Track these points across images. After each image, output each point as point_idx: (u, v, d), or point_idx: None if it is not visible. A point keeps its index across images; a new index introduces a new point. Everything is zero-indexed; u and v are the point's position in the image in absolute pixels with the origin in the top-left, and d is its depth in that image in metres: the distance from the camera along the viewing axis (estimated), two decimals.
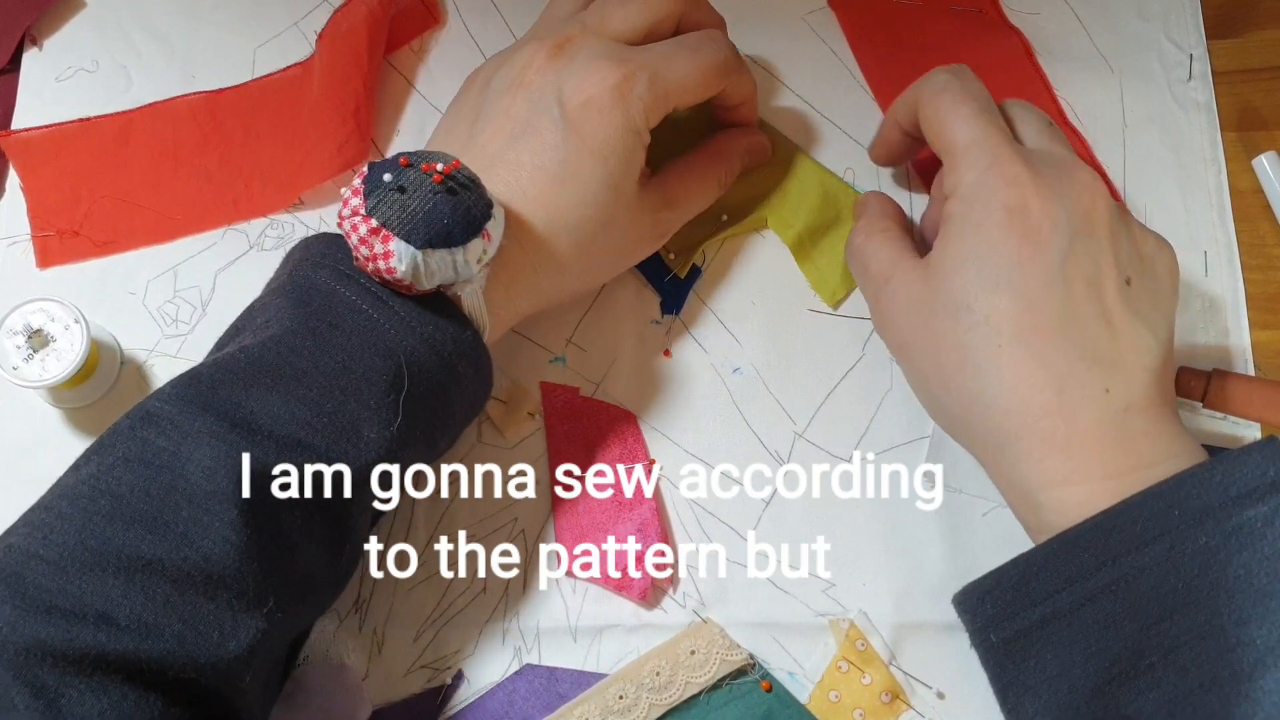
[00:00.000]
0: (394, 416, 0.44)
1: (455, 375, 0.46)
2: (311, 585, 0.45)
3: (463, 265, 0.44)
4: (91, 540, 0.40)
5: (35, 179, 0.58)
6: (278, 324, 0.45)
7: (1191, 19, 0.60)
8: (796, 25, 0.61)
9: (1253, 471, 0.40)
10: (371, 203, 0.43)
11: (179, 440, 0.42)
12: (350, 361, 0.44)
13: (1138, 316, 0.45)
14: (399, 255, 0.43)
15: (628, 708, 0.49)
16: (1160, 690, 0.40)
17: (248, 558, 0.41)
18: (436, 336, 0.45)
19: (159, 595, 0.40)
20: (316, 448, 0.43)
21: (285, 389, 0.43)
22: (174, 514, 0.41)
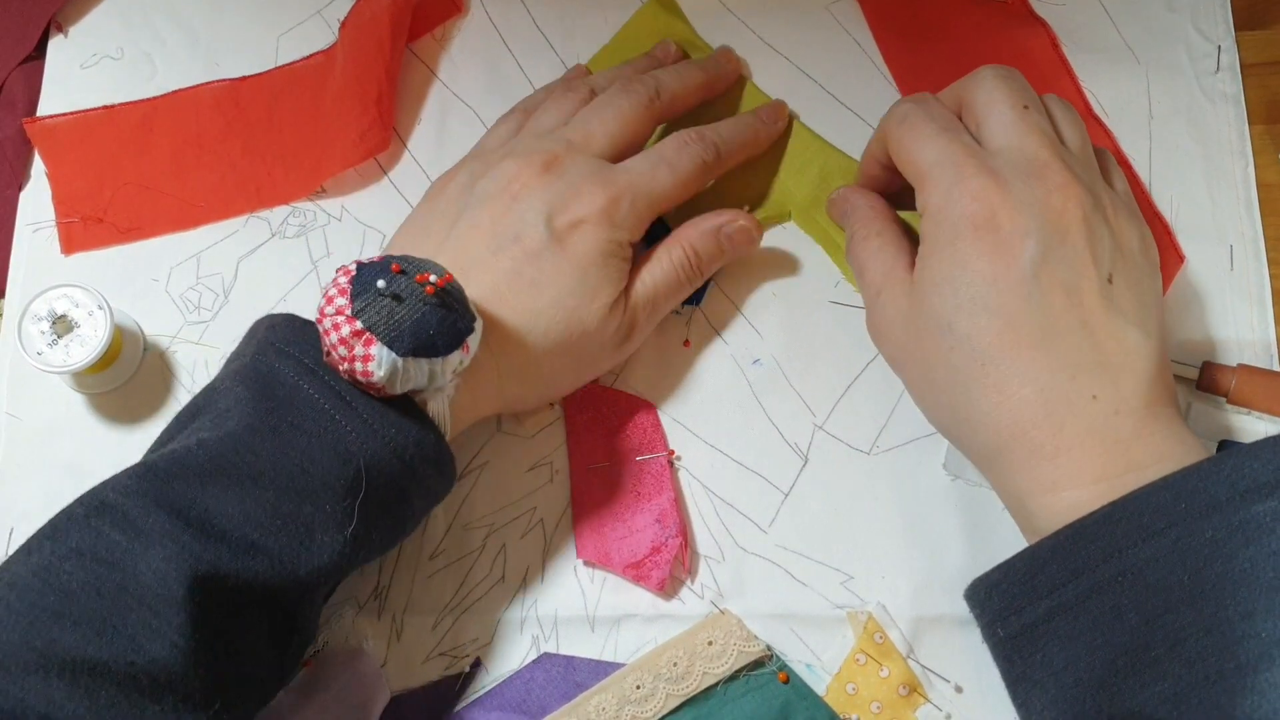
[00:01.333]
0: (349, 521, 0.43)
1: (416, 476, 0.45)
2: (257, 683, 0.44)
3: (438, 375, 0.44)
4: (37, 641, 0.39)
5: (60, 166, 0.58)
6: (237, 417, 0.44)
7: (1220, 10, 0.60)
8: (820, 16, 0.61)
9: (1263, 466, 0.40)
10: (359, 305, 0.42)
11: (132, 536, 0.41)
12: (309, 464, 0.43)
13: (1122, 316, 0.45)
14: (379, 360, 0.42)
15: (645, 697, 0.49)
16: (1166, 683, 0.40)
17: (195, 663, 0.40)
18: (399, 440, 0.44)
19: (104, 698, 0.39)
20: (270, 551, 0.42)
21: (241, 489, 0.42)
22: (122, 617, 0.40)
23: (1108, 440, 0.43)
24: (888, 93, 0.59)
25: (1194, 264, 0.55)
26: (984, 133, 0.48)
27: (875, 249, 0.50)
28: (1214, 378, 0.52)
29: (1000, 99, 0.48)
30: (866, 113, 0.59)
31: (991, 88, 0.48)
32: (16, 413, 0.55)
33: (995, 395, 0.44)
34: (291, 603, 0.44)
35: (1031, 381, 0.44)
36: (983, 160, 0.46)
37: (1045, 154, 0.46)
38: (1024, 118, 0.47)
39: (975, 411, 0.45)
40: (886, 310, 0.49)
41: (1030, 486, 0.44)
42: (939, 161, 0.47)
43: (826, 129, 0.58)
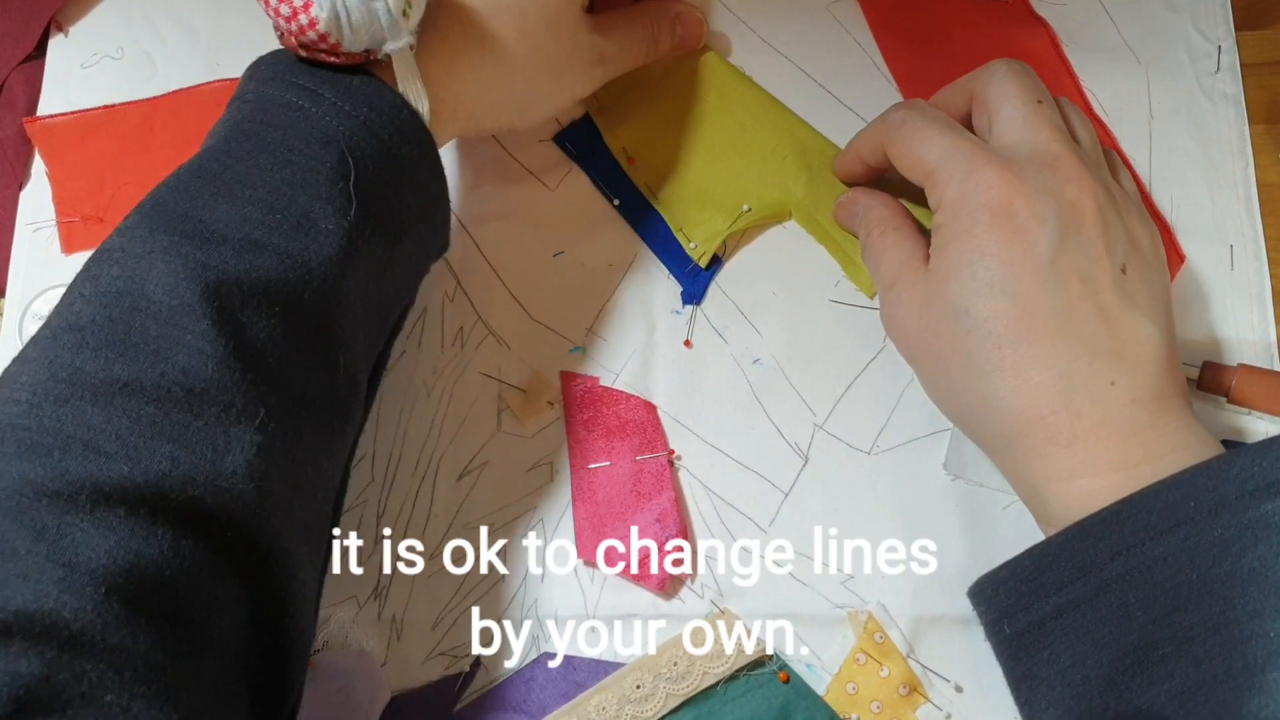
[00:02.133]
0: (348, 204, 0.42)
1: (398, 159, 0.44)
2: (306, 401, 0.42)
3: (386, 15, 0.42)
4: (62, 373, 0.38)
5: (61, 165, 0.58)
6: (214, 137, 0.44)
7: (1220, 10, 0.60)
8: (820, 15, 0.61)
9: (1272, 465, 0.40)
10: None
11: (133, 265, 0.40)
12: (291, 155, 0.42)
13: (1135, 307, 0.45)
14: (318, 3, 0.41)
15: (645, 697, 0.49)
16: (1173, 681, 0.39)
17: (227, 368, 0.39)
18: (373, 119, 0.43)
19: (143, 417, 0.37)
20: (275, 245, 0.41)
21: (231, 193, 0.41)
22: (141, 334, 0.39)
23: (1125, 429, 0.43)
24: (888, 92, 0.59)
25: (1194, 264, 0.55)
26: (996, 125, 0.48)
27: (891, 243, 0.50)
28: (1214, 377, 0.52)
29: (1014, 92, 0.48)
30: (867, 112, 0.59)
31: (1004, 81, 0.48)
32: None
33: (1013, 379, 0.44)
34: (318, 305, 0.42)
35: (1049, 367, 0.44)
36: (993, 151, 0.46)
37: (1058, 147, 0.46)
38: (1038, 111, 0.47)
39: (992, 396, 0.45)
40: (901, 300, 0.49)
41: (1047, 474, 0.44)
42: (948, 155, 0.47)
43: (827, 128, 0.58)
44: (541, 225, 0.57)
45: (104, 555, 0.35)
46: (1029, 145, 0.47)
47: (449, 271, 0.57)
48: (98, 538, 0.35)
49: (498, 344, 0.56)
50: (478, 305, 0.56)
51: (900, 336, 0.50)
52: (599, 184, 0.58)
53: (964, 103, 0.50)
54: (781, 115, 0.58)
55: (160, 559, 0.36)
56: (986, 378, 0.45)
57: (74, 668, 0.33)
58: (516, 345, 0.56)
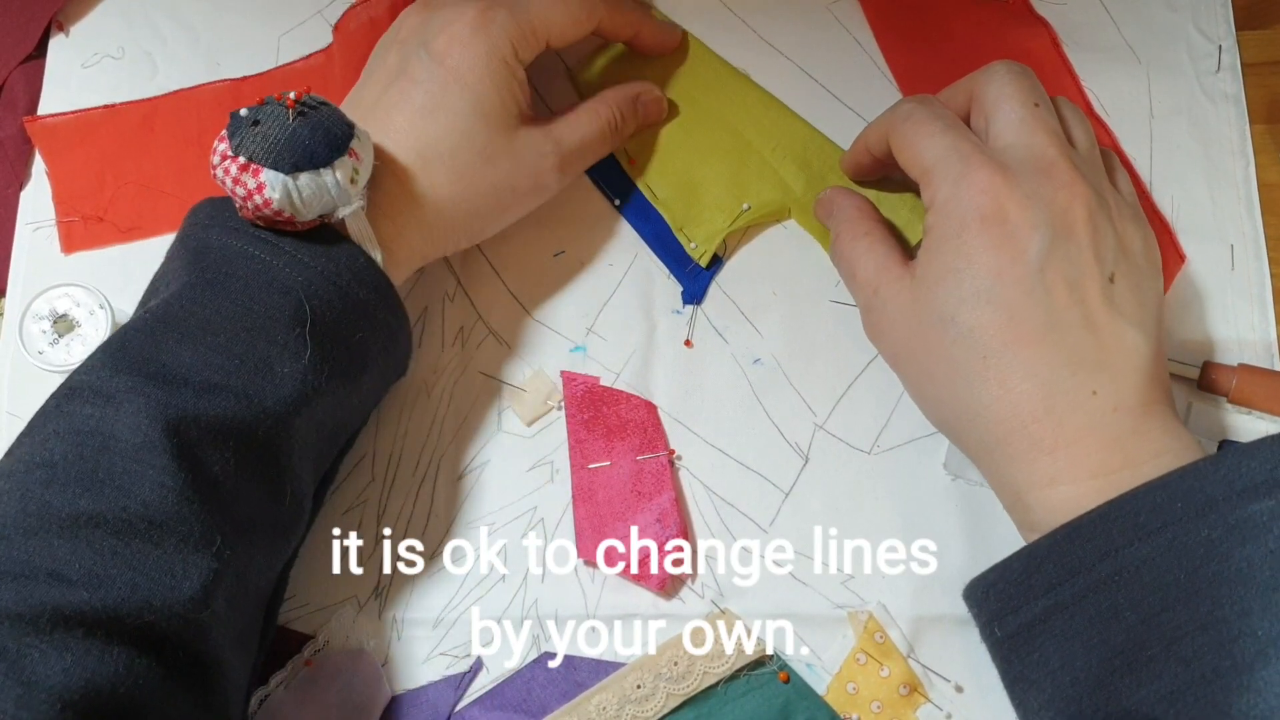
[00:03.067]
0: (303, 349, 0.45)
1: (356, 303, 0.47)
2: (256, 526, 0.45)
3: (335, 186, 0.45)
4: (32, 507, 0.40)
5: (61, 165, 0.58)
6: (176, 282, 0.46)
7: (1220, 10, 0.60)
8: (820, 15, 0.61)
9: (1260, 466, 0.40)
10: (235, 141, 0.44)
11: (103, 404, 0.43)
12: (250, 304, 0.45)
13: (1122, 316, 0.45)
14: (270, 184, 0.44)
15: (645, 697, 0.49)
16: (1162, 682, 0.40)
17: (186, 500, 0.42)
18: (329, 267, 0.46)
19: (105, 548, 0.40)
20: (232, 388, 0.44)
21: (193, 339, 0.44)
22: (108, 471, 0.41)
23: (1106, 436, 0.43)
24: (888, 92, 0.59)
25: (1195, 263, 0.55)
26: (993, 127, 0.48)
27: (865, 248, 0.50)
28: (1215, 377, 0.52)
29: (1011, 94, 0.48)
30: (867, 111, 0.59)
31: (1003, 83, 0.48)
32: (17, 412, 0.55)
33: (996, 388, 0.44)
34: (270, 440, 0.45)
35: (1032, 376, 0.44)
36: (989, 155, 0.46)
37: (1053, 152, 0.46)
38: (1034, 115, 0.47)
39: (975, 404, 0.45)
40: (887, 307, 0.49)
41: (1028, 480, 0.44)
42: (945, 156, 0.47)
43: (827, 128, 0.58)
44: (542, 225, 0.57)
45: (60, 674, 0.37)
46: (1023, 149, 0.47)
47: (450, 271, 0.57)
48: (55, 658, 0.37)
49: (498, 343, 0.56)
50: (478, 305, 0.56)
51: (886, 344, 0.50)
52: (599, 184, 0.58)
53: (965, 102, 0.50)
54: (782, 115, 0.58)
55: (115, 677, 0.38)
56: (971, 386, 0.45)
57: None
58: (517, 345, 0.56)
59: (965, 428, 0.46)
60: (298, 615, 0.52)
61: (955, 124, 0.48)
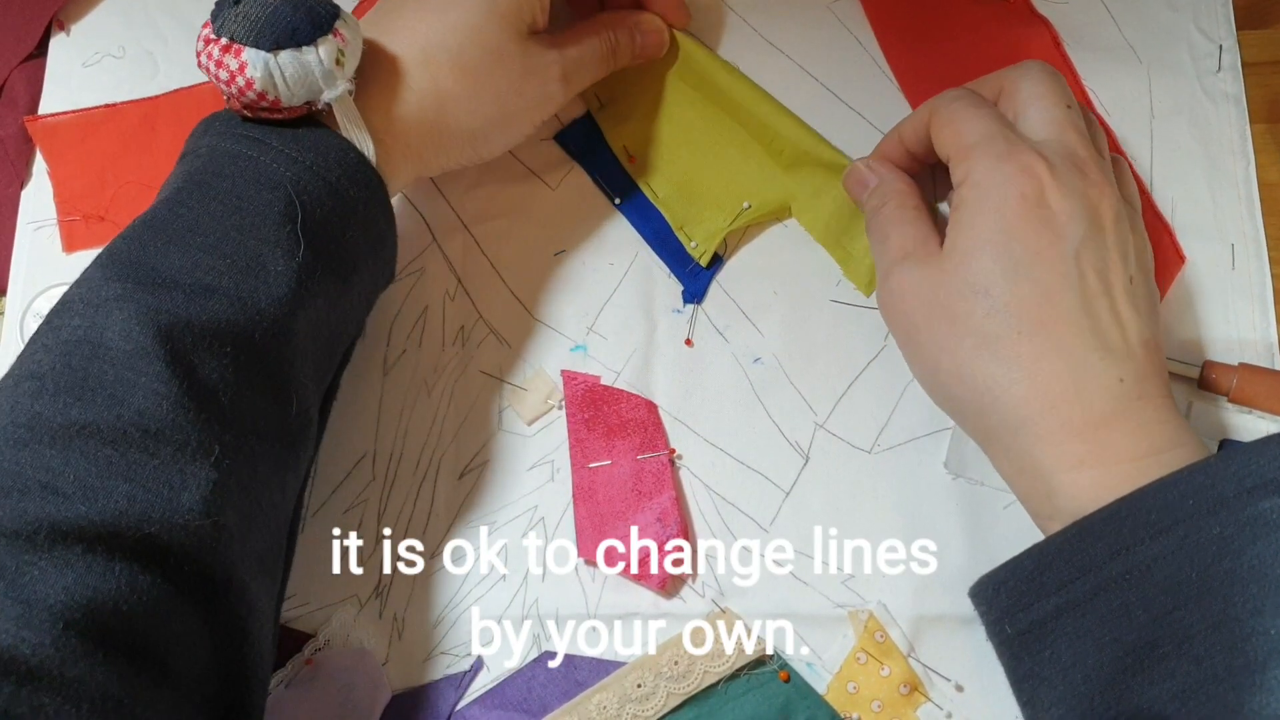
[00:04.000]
0: (296, 246, 0.44)
1: (346, 199, 0.46)
2: (259, 436, 0.44)
3: (319, 67, 0.44)
4: (21, 418, 0.39)
5: (62, 164, 0.58)
6: (167, 189, 0.45)
7: (1221, 9, 0.59)
8: (821, 14, 0.61)
9: (1269, 463, 0.40)
10: (218, 24, 0.44)
11: (91, 314, 0.41)
12: (240, 202, 0.44)
13: (1139, 312, 0.46)
14: (252, 64, 0.43)
15: (646, 696, 0.50)
16: (1174, 680, 0.40)
17: (181, 408, 0.40)
18: (319, 162, 0.45)
19: (99, 458, 0.39)
20: (225, 290, 0.43)
21: (182, 240, 0.43)
22: (98, 379, 0.40)
23: (1132, 422, 0.44)
24: (889, 91, 0.59)
25: (1195, 263, 0.55)
26: (1025, 123, 0.49)
27: (909, 219, 0.50)
28: (1215, 377, 0.52)
29: (1047, 93, 0.49)
30: (868, 111, 0.59)
31: (1039, 80, 0.49)
32: None
33: (1029, 364, 0.44)
34: (268, 344, 0.43)
35: (1066, 357, 0.44)
36: (1031, 143, 0.47)
37: (1085, 152, 0.47)
38: (1068, 115, 0.48)
39: (1003, 380, 0.45)
40: (911, 275, 0.48)
41: (1056, 462, 0.44)
42: (989, 136, 0.47)
43: (828, 127, 0.58)
44: (542, 224, 0.57)
45: (61, 592, 0.36)
46: (1058, 145, 0.47)
47: (450, 270, 0.57)
48: (55, 575, 0.36)
49: (499, 342, 0.56)
50: (479, 304, 0.56)
51: (903, 315, 0.49)
52: (600, 183, 0.58)
53: (993, 95, 0.51)
54: (782, 115, 0.58)
55: (117, 594, 0.37)
56: (999, 363, 0.45)
57: (31, 701, 0.34)
58: (517, 344, 0.56)
59: (985, 406, 0.46)
60: (298, 614, 0.52)
61: (998, 114, 0.49)
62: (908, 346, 0.50)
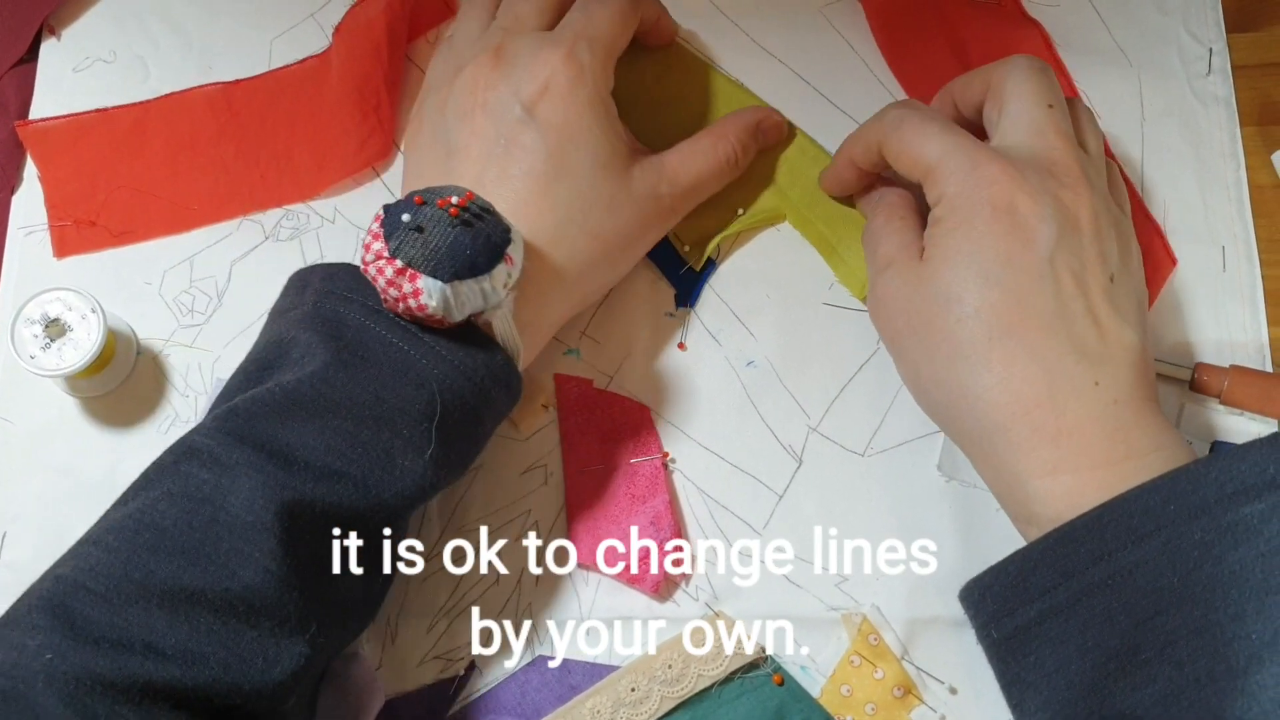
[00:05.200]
0: (427, 444, 0.44)
1: (489, 399, 0.46)
2: (351, 610, 0.45)
3: (490, 292, 0.44)
4: (136, 573, 0.40)
5: (53, 169, 0.58)
6: (313, 360, 0.45)
7: (1211, 12, 0.60)
8: (813, 18, 0.61)
9: (1251, 468, 0.40)
10: (394, 244, 0.43)
11: (219, 473, 0.42)
12: (383, 392, 0.44)
13: (1120, 314, 0.46)
14: (428, 291, 0.43)
15: (640, 700, 0.49)
16: (1156, 685, 0.40)
17: (288, 586, 0.41)
18: (468, 363, 0.45)
19: (202, 625, 0.40)
20: (353, 477, 0.43)
21: (320, 421, 0.43)
22: (215, 546, 0.41)
23: (1108, 427, 0.43)
24: (881, 95, 0.59)
25: (1187, 265, 0.56)
26: (1004, 121, 0.49)
27: (896, 229, 0.51)
28: (1207, 379, 0.52)
29: (1027, 92, 0.48)
30: (859, 115, 0.59)
31: (1022, 78, 0.49)
32: (9, 416, 0.55)
33: (1000, 370, 0.44)
34: (378, 528, 0.45)
35: (1037, 360, 0.44)
36: (994, 150, 0.47)
37: (1060, 153, 0.47)
38: (1047, 115, 0.48)
39: (978, 386, 0.45)
40: (893, 282, 0.49)
41: (1029, 468, 0.44)
42: (950, 152, 0.47)
43: (820, 131, 0.58)
44: None
45: None
46: (1031, 147, 0.47)
47: None
48: None
49: None
50: None
51: (887, 321, 0.50)
52: None
53: (981, 89, 0.51)
54: None
55: None
56: (973, 368, 0.45)
57: None
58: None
59: (963, 412, 0.46)
60: None
61: (951, 124, 0.49)
62: (893, 353, 0.50)
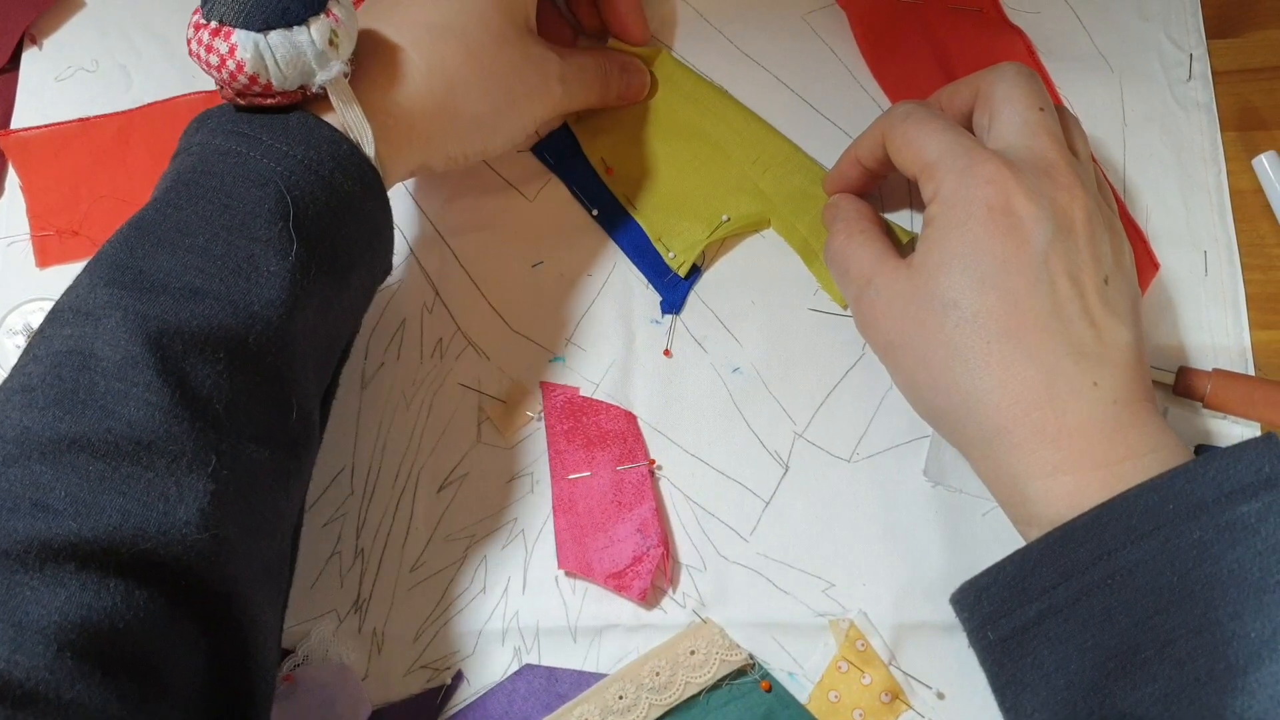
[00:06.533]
0: (289, 244, 0.43)
1: (340, 194, 0.44)
2: (259, 443, 0.42)
3: (312, 47, 0.43)
4: (10, 433, 0.38)
5: (35, 179, 0.58)
6: (157, 190, 0.44)
7: (1191, 19, 0.60)
8: (797, 25, 0.61)
9: (1247, 467, 0.41)
10: (207, 8, 0.43)
11: (81, 323, 0.40)
12: (229, 200, 0.42)
13: (1116, 315, 0.46)
14: (241, 45, 0.42)
15: (627, 708, 0.49)
16: (1156, 684, 0.40)
17: (175, 418, 0.39)
18: (310, 156, 0.44)
19: (91, 472, 0.38)
20: (216, 292, 0.41)
21: (171, 242, 0.42)
22: (88, 390, 0.39)
23: (1107, 427, 0.44)
24: (864, 102, 0.59)
25: (1169, 270, 0.56)
26: (996, 126, 0.49)
27: (860, 243, 0.51)
28: (1190, 382, 0.52)
29: (1018, 96, 0.49)
30: (843, 121, 0.59)
31: (1012, 84, 0.49)
32: None
33: (999, 373, 0.44)
34: (263, 349, 0.42)
35: (1036, 362, 0.44)
36: (991, 151, 0.47)
37: (1053, 154, 0.47)
38: (1039, 118, 0.48)
39: (976, 391, 0.45)
40: (881, 296, 0.49)
41: (1030, 469, 0.44)
42: (949, 150, 0.47)
43: (803, 138, 0.58)
44: (520, 236, 0.57)
45: (54, 613, 0.35)
46: (1025, 149, 0.47)
47: (428, 283, 0.57)
48: (48, 595, 0.35)
49: (477, 355, 0.56)
50: (457, 316, 0.56)
51: (878, 333, 0.49)
52: (577, 194, 0.58)
53: (970, 98, 0.51)
54: (759, 126, 0.58)
55: (113, 612, 0.36)
56: (971, 372, 0.45)
57: None
58: (496, 356, 0.56)
59: (962, 416, 0.46)
60: None
61: (954, 124, 0.49)
62: (887, 363, 0.50)
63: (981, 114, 0.50)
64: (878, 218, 0.53)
